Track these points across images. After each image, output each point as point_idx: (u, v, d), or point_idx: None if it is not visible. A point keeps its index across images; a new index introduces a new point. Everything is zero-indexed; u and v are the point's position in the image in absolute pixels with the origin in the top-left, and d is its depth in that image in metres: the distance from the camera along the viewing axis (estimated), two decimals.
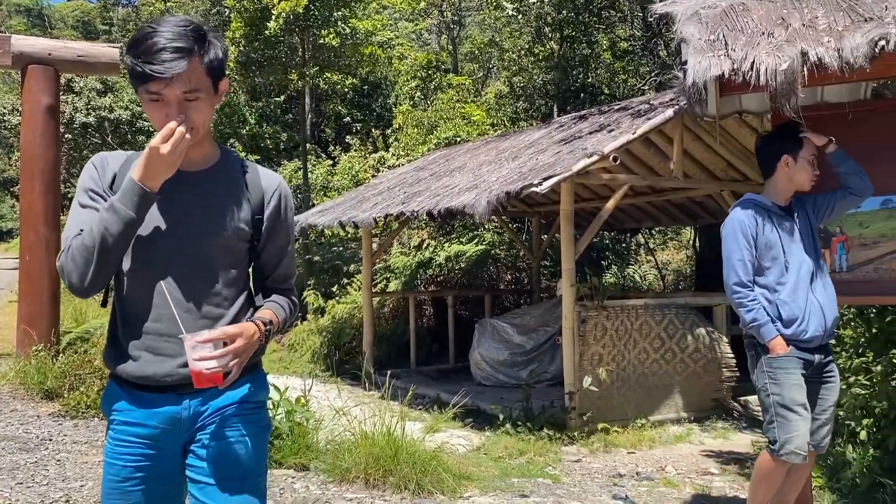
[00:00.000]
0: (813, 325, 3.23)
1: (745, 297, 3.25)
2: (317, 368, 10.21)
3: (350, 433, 4.83)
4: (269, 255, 1.95)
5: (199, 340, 1.69)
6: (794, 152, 3.35)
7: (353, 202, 9.83)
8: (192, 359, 1.68)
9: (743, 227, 3.29)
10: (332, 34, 12.25)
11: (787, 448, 3.18)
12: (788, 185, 3.37)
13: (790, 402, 3.20)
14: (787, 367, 3.21)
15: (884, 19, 3.01)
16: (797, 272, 3.25)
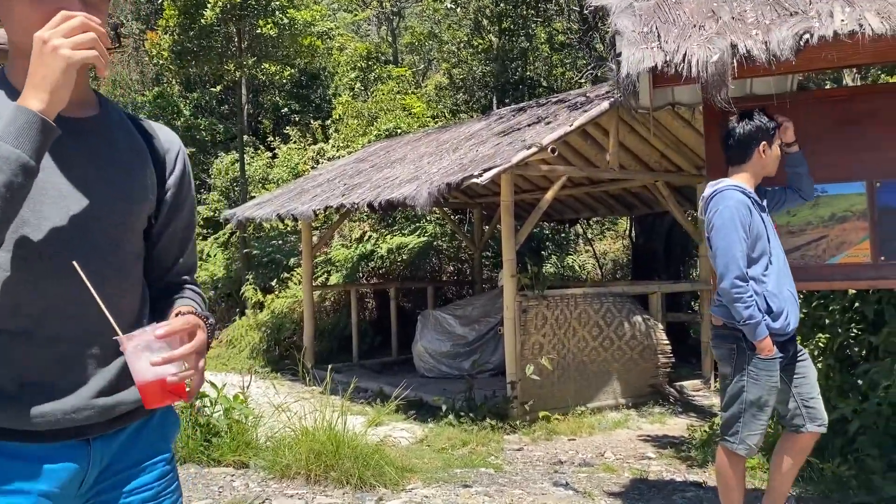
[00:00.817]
0: (793, 317, 3.24)
1: (745, 293, 3.12)
2: (256, 365, 10.04)
3: (290, 429, 4.77)
4: (172, 237, 1.48)
5: (159, 335, 1.22)
6: (771, 139, 3.31)
7: (292, 194, 9.69)
8: (145, 365, 1.21)
9: (741, 217, 3.15)
10: (269, 24, 12.02)
11: (746, 443, 3.23)
12: (761, 172, 3.33)
13: (763, 404, 3.20)
14: (770, 369, 3.19)
15: (808, 13, 3.11)
16: (778, 263, 3.23)
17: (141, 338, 1.23)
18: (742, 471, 3.35)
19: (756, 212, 3.21)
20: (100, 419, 1.27)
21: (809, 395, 3.32)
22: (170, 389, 1.23)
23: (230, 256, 13.52)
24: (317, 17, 12.98)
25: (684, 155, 8.09)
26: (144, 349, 1.22)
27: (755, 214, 3.20)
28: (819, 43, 3.03)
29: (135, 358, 1.22)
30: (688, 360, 8.61)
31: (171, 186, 1.45)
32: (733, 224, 3.13)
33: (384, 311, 10.77)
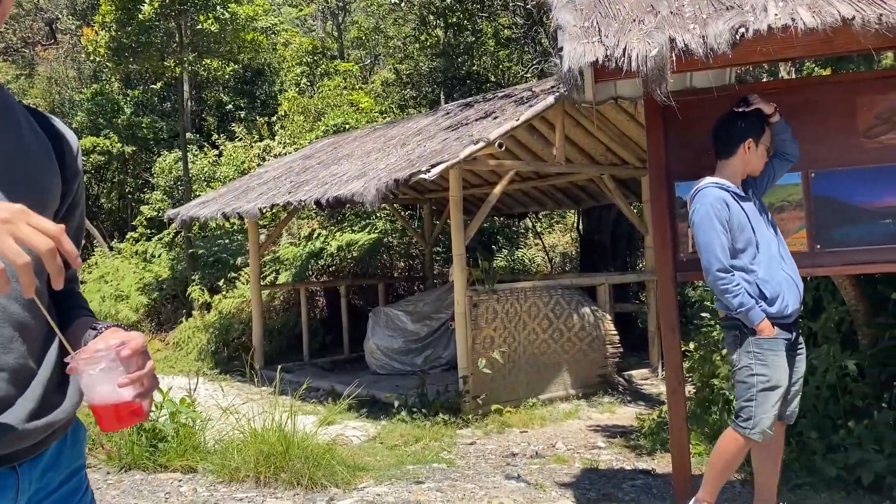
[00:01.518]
0: (792, 299, 3.29)
1: (730, 283, 3.22)
2: (204, 366, 9.85)
3: (239, 431, 4.69)
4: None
5: (125, 355, 1.14)
6: (757, 137, 3.37)
7: (237, 192, 9.52)
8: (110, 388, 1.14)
9: (717, 212, 3.26)
10: (210, 19, 11.77)
11: (759, 427, 3.23)
12: (744, 168, 3.39)
13: (775, 384, 3.23)
14: (775, 348, 3.24)
15: (743, 8, 3.17)
16: (768, 250, 3.29)
17: (104, 359, 1.14)
18: (741, 459, 3.37)
19: (737, 204, 3.29)
20: (29, 443, 1.19)
21: (790, 388, 3.39)
22: (134, 411, 1.17)
23: (175, 257, 13.23)
24: (259, 13, 12.75)
25: (629, 148, 8.22)
26: (109, 371, 1.14)
27: (735, 207, 3.28)
28: (754, 37, 3.10)
29: (97, 380, 1.14)
30: (636, 350, 8.75)
31: (72, 185, 1.36)
32: (710, 220, 3.24)
33: (335, 308, 10.68)
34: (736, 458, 3.34)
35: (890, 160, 3.57)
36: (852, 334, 4.36)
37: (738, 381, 3.33)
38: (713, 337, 5.38)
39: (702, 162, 3.69)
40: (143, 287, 12.86)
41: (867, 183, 3.58)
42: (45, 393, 1.22)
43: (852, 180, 3.58)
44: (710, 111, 3.68)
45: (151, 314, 12.73)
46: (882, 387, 4.19)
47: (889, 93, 3.57)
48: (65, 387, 1.28)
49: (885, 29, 2.96)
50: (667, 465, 4.71)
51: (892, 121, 3.56)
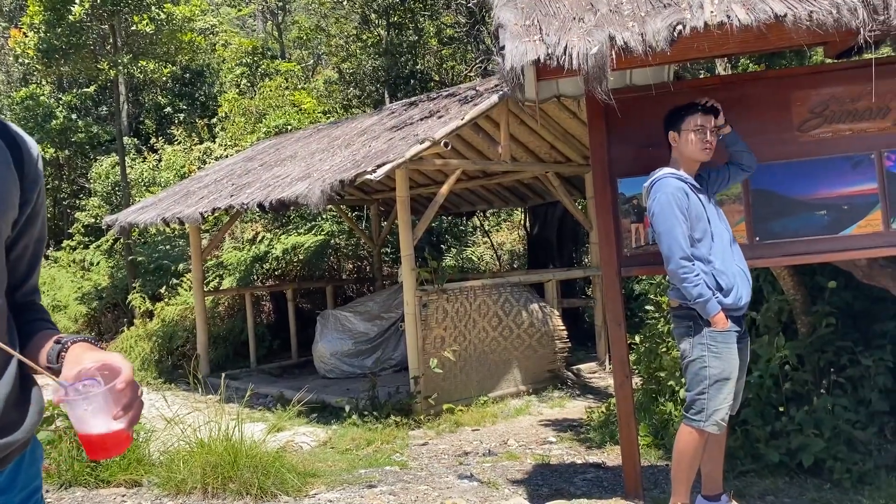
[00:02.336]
0: (745, 292, 3.32)
1: (691, 272, 3.22)
2: (148, 376, 9.60)
3: (185, 442, 4.57)
4: (25, 251, 1.32)
5: (120, 388, 1.15)
6: (677, 126, 3.39)
7: (177, 197, 9.29)
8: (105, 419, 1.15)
9: (677, 201, 3.26)
10: (145, 20, 11.46)
11: (713, 419, 3.24)
12: (682, 158, 3.40)
13: (727, 376, 3.24)
14: (728, 341, 3.25)
15: (680, 5, 3.22)
16: (721, 241, 3.32)
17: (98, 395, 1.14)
18: (700, 450, 3.35)
19: (694, 195, 3.31)
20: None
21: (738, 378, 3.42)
22: (124, 440, 1.18)
23: (114, 264, 12.86)
24: (196, 13, 12.48)
25: (572, 146, 8.30)
26: (102, 403, 1.14)
27: (692, 197, 3.29)
28: (691, 34, 3.15)
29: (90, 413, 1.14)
30: (583, 344, 8.86)
31: (31, 195, 1.31)
32: (671, 209, 3.24)
33: (282, 313, 10.53)
34: (696, 452, 3.34)
35: (823, 153, 3.67)
36: (792, 323, 4.49)
37: (689, 374, 3.33)
38: (658, 329, 5.47)
39: (643, 158, 3.74)
40: (81, 296, 12.45)
41: (802, 176, 3.68)
42: (4, 411, 1.18)
43: (788, 173, 3.68)
44: (650, 108, 3.73)
45: (91, 324, 12.35)
46: (820, 373, 4.32)
47: (821, 87, 3.68)
48: (25, 405, 1.23)
49: (816, 25, 3.04)
50: (616, 458, 4.77)
51: (825, 115, 3.67)
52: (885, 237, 3.59)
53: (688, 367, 3.35)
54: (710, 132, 3.35)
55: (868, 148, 3.63)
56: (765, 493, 4.02)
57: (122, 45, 12.07)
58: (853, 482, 3.96)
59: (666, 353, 5.21)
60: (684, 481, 3.36)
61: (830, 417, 4.11)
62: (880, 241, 3.60)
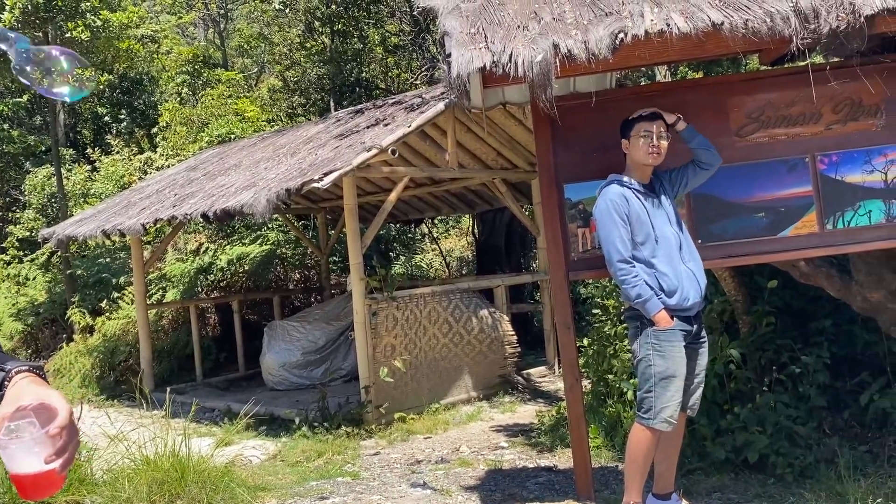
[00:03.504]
0: (693, 293, 3.37)
1: (629, 274, 3.32)
2: (89, 393, 9.30)
3: (130, 460, 4.44)
4: None
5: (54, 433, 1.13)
6: (627, 134, 3.48)
7: (117, 208, 9.05)
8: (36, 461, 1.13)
9: (615, 205, 3.36)
10: (80, 27, 11.15)
11: (661, 416, 3.31)
12: (632, 163, 3.48)
13: (673, 374, 3.31)
14: (672, 339, 3.32)
15: (621, 14, 3.29)
16: (667, 244, 3.38)
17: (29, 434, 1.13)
18: (651, 449, 3.41)
19: (637, 200, 3.39)
20: None
21: (691, 381, 3.47)
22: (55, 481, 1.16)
23: (52, 279, 12.44)
24: (134, 20, 12.19)
25: (518, 152, 8.38)
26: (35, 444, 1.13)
27: (635, 202, 3.38)
28: (633, 41, 3.22)
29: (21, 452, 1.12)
30: (533, 349, 8.93)
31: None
32: (609, 214, 3.36)
33: (228, 325, 10.32)
34: (648, 450, 3.40)
35: (760, 157, 3.79)
36: (734, 323, 4.61)
37: (638, 372, 3.43)
38: (606, 332, 5.55)
39: (588, 164, 3.80)
40: (17, 312, 12.00)
41: (741, 179, 3.80)
42: None
43: (727, 177, 3.78)
44: (594, 115, 3.80)
45: (28, 341, 11.91)
46: (762, 371, 4.45)
47: (756, 93, 3.80)
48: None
49: (751, 33, 3.14)
50: (568, 461, 4.81)
51: (761, 120, 3.79)
52: (821, 238, 3.72)
53: (637, 366, 3.44)
54: (655, 136, 3.42)
55: (803, 152, 3.76)
56: (712, 490, 4.11)
57: None
58: (795, 476, 4.08)
59: (614, 356, 5.29)
60: (637, 479, 3.42)
61: (773, 414, 4.23)
62: (816, 242, 3.73)
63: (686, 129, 3.56)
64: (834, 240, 3.72)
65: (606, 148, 3.80)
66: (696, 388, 3.51)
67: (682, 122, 3.57)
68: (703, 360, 3.53)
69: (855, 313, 4.30)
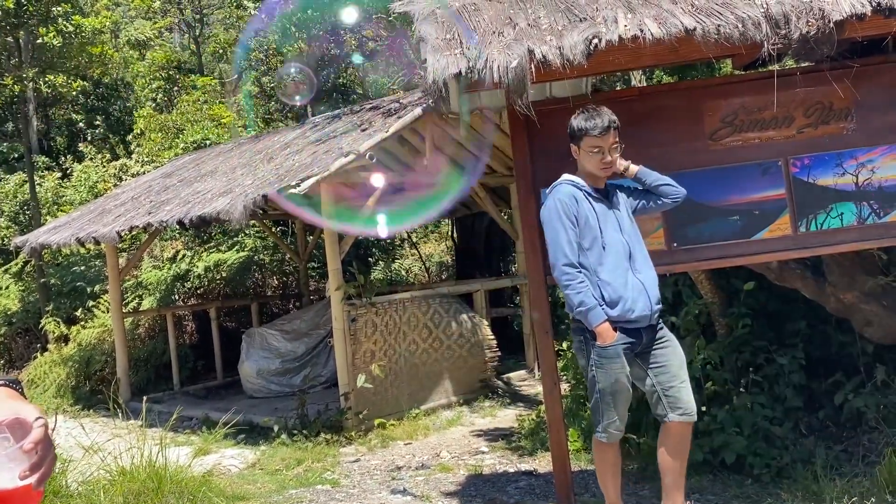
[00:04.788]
0: (640, 305, 3.17)
1: (574, 279, 3.15)
2: (64, 403, 9.17)
3: (105, 471, 4.37)
4: None
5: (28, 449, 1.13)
6: (577, 142, 3.30)
7: (92, 216, 8.94)
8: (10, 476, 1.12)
9: (564, 207, 3.20)
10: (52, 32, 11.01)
11: (608, 429, 3.28)
12: (584, 172, 3.33)
13: (615, 391, 3.22)
14: (611, 356, 3.17)
15: (595, 19, 3.31)
16: (615, 253, 3.20)
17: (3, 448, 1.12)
18: (611, 458, 3.36)
19: (587, 202, 3.23)
20: None
21: (669, 384, 3.25)
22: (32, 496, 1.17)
23: (25, 287, 12.25)
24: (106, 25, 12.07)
25: (496, 157, 8.40)
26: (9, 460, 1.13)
27: (584, 205, 3.22)
28: (607, 47, 3.24)
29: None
30: (513, 353, 8.94)
31: None
32: (557, 215, 3.19)
33: (205, 333, 10.23)
34: (604, 462, 3.37)
35: (734, 161, 3.83)
36: (710, 325, 4.65)
37: (588, 386, 3.36)
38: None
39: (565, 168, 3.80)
40: None
41: (715, 183, 3.83)
42: None
43: (701, 181, 3.82)
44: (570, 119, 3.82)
45: (1, 351, 11.71)
46: (739, 373, 4.49)
47: (730, 97, 3.84)
48: None
49: (724, 38, 3.18)
50: (548, 464, 4.82)
51: (734, 124, 3.83)
52: (794, 240, 3.76)
53: (586, 377, 3.36)
54: (608, 151, 3.25)
55: (776, 155, 3.80)
56: (690, 492, 4.13)
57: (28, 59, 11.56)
58: (772, 476, 4.12)
59: None
60: (609, 488, 3.42)
61: (750, 415, 4.27)
62: (790, 245, 3.77)
63: (638, 171, 3.39)
64: (807, 242, 3.76)
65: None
66: (677, 391, 3.24)
67: (633, 166, 3.38)
68: (674, 359, 3.29)
69: (829, 314, 4.35)
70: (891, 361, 4.28)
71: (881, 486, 3.70)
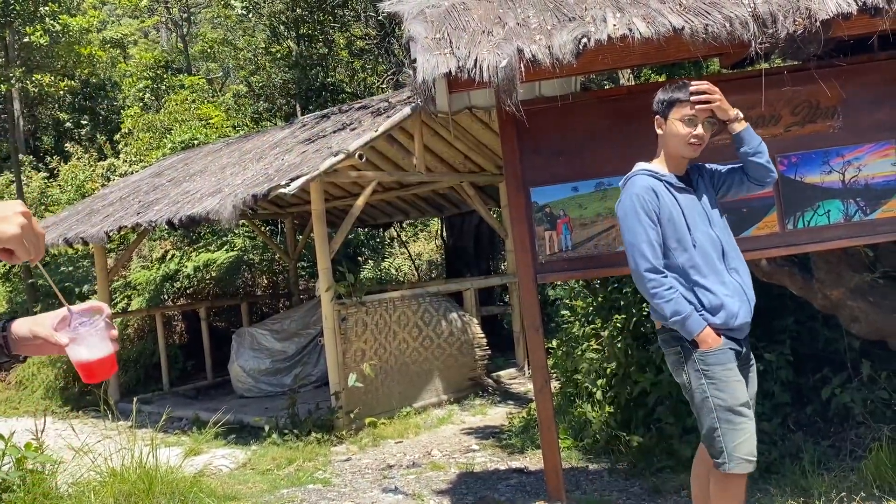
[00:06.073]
0: (743, 310, 2.74)
1: (661, 286, 2.68)
2: (53, 405, 9.13)
3: (96, 472, 4.36)
4: None
5: (109, 313, 1.43)
6: (665, 112, 2.85)
7: (80, 216, 8.90)
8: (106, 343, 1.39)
9: (642, 203, 2.74)
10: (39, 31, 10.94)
11: (737, 456, 2.64)
12: (666, 151, 2.87)
13: (735, 403, 2.67)
14: (725, 362, 2.68)
15: (584, 19, 3.33)
16: (707, 251, 2.76)
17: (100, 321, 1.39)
18: (738, 493, 2.73)
19: (669, 194, 2.77)
20: None
21: None
22: (114, 360, 1.42)
23: (13, 288, 12.18)
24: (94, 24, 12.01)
25: (486, 156, 8.42)
26: (105, 329, 1.38)
27: (666, 198, 2.76)
28: (596, 46, 3.26)
29: (98, 340, 1.37)
30: (503, 351, 8.96)
31: None
32: (634, 213, 2.74)
33: (195, 333, 10.20)
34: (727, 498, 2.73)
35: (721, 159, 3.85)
36: None
37: (695, 408, 2.76)
38: (574, 333, 5.60)
39: (555, 167, 3.83)
40: None
41: None
42: None
43: None
44: (560, 118, 3.84)
45: None
46: None
47: None
48: None
49: (711, 38, 3.20)
50: (539, 462, 4.84)
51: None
52: (782, 237, 3.79)
53: (691, 402, 2.78)
54: (702, 124, 2.81)
55: None
56: (680, 488, 4.17)
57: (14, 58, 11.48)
58: (760, 472, 4.15)
59: (581, 356, 5.34)
60: None
61: None
62: (777, 242, 3.80)
63: (746, 127, 2.87)
64: (794, 239, 3.79)
65: (573, 151, 3.84)
66: None
67: (742, 122, 2.86)
68: (753, 388, 2.85)
69: (816, 311, 4.39)
70: (877, 357, 4.32)
71: (868, 480, 3.74)
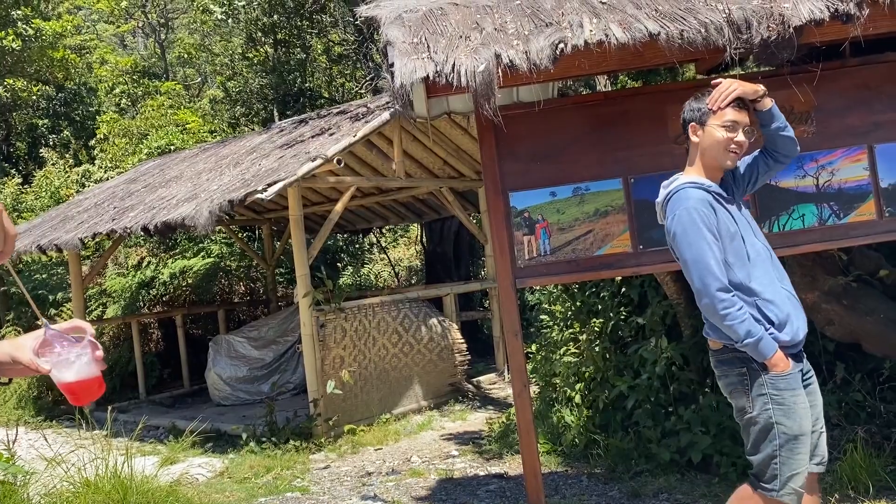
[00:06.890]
0: (801, 321, 2.62)
1: (732, 306, 2.50)
2: (26, 414, 8.97)
3: (69, 483, 4.29)
4: None
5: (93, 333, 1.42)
6: (702, 117, 2.67)
7: (54, 222, 8.78)
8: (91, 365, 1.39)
9: (703, 217, 2.55)
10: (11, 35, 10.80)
11: (790, 486, 2.52)
12: (703, 161, 2.69)
13: (801, 432, 2.53)
14: (795, 386, 2.54)
15: (561, 24, 3.34)
16: (762, 262, 2.63)
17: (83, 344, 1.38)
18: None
19: (722, 207, 2.64)
20: None
21: (812, 429, 2.61)
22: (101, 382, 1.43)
23: None
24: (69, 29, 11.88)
25: (465, 161, 8.42)
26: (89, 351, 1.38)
27: (720, 211, 2.62)
28: (573, 52, 3.27)
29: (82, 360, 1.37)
30: (483, 356, 8.97)
31: None
32: (696, 227, 2.55)
33: (171, 340, 10.09)
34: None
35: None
36: (676, 326, 4.70)
37: (752, 433, 2.60)
38: (553, 338, 5.61)
39: (533, 172, 3.84)
40: None
41: None
42: None
43: None
44: (538, 123, 3.85)
45: None
46: (704, 373, 4.55)
47: None
48: None
49: (687, 43, 3.22)
50: (518, 467, 4.84)
51: None
52: None
53: (748, 426, 2.61)
54: (743, 132, 2.63)
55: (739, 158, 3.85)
56: (659, 491, 4.18)
57: None
58: (738, 475, 4.18)
59: (560, 360, 5.35)
60: None
61: (715, 414, 4.33)
62: None
63: (771, 107, 2.71)
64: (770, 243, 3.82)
65: (551, 156, 3.85)
66: (818, 437, 2.67)
67: (768, 99, 2.70)
68: (818, 401, 2.70)
69: None
70: (851, 360, 4.37)
71: (843, 481, 3.77)
